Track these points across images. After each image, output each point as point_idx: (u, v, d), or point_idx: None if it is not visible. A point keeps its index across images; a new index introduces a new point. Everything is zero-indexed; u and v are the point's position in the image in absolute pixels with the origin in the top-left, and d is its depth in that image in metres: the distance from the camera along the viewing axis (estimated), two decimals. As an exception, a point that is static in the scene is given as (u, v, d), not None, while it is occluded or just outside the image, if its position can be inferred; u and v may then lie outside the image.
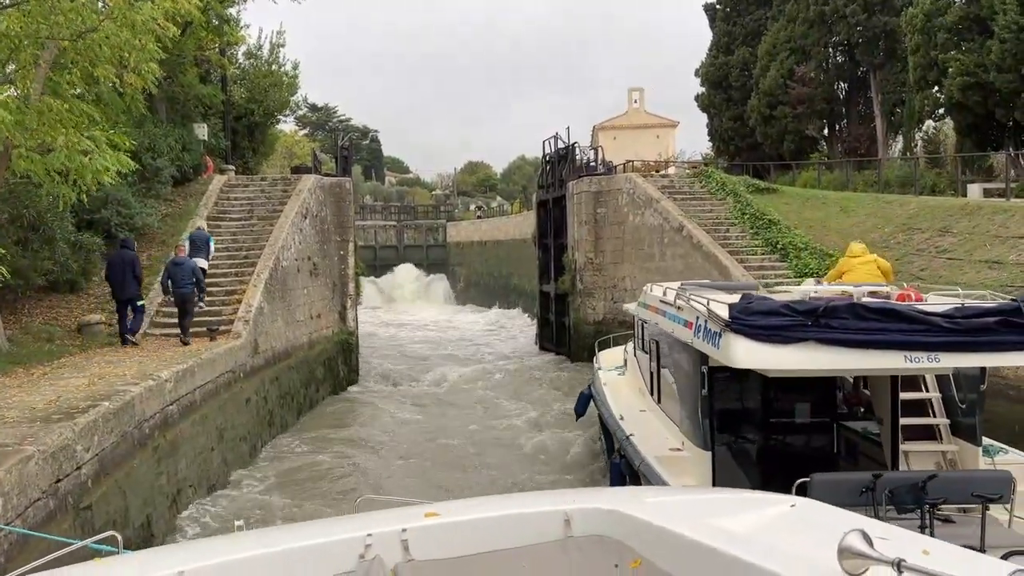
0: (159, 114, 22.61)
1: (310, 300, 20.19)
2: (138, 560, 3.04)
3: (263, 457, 14.60)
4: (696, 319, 7.46)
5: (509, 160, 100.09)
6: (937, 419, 8.41)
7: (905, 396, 8.24)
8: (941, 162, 30.76)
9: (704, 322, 7.14)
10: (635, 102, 66.03)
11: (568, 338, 25.85)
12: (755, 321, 6.28)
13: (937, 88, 29.25)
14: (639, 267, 23.27)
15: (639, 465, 8.64)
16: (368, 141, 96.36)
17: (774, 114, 39.42)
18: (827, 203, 25.11)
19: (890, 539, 2.53)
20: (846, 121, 41.10)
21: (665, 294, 9.48)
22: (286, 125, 45.50)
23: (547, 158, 30.01)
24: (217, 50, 25.62)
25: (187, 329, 14.08)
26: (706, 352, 7.27)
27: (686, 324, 7.95)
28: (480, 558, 3.13)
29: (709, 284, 10.49)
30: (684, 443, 8.76)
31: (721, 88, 44.91)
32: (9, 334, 13.11)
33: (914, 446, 8.19)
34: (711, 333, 6.86)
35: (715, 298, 7.20)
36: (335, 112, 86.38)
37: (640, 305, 11.49)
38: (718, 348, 6.68)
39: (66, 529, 7.39)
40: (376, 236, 58.21)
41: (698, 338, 7.39)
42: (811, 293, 7.71)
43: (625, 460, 9.31)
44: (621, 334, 16.08)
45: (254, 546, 3.02)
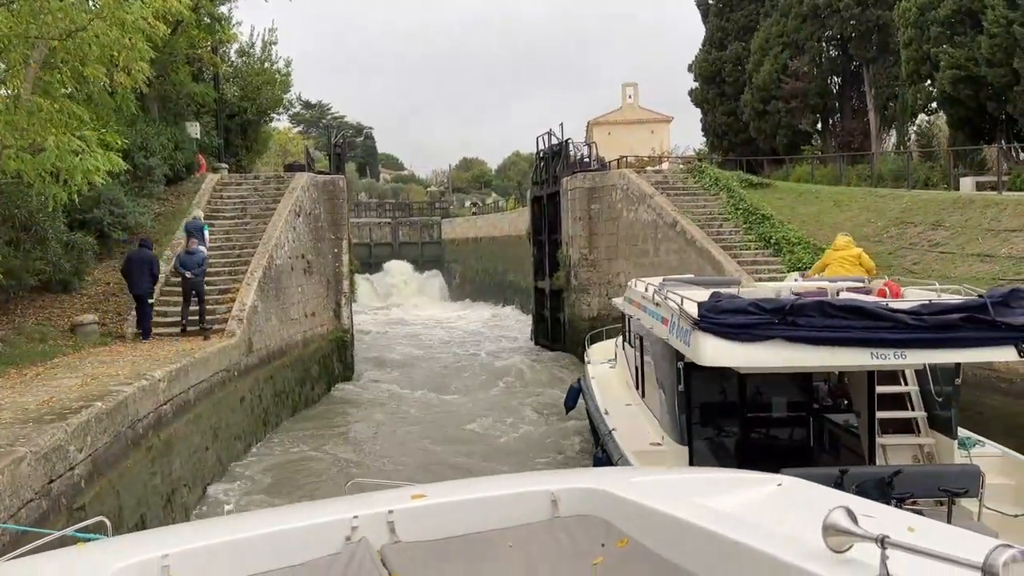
0: (151, 113, 22.54)
1: (304, 298, 20.17)
2: (122, 544, 3.02)
3: (256, 454, 14.60)
4: (671, 316, 7.52)
5: (504, 156, 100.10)
6: (915, 412, 8.49)
7: (885, 390, 8.34)
8: (934, 156, 30.81)
9: (677, 319, 7.20)
10: (629, 97, 66.08)
11: (563, 334, 25.88)
12: (724, 319, 6.30)
13: (930, 82, 29.27)
14: (633, 263, 23.30)
15: (617, 460, 8.71)
16: (362, 138, 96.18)
17: (767, 109, 39.42)
18: (820, 198, 25.16)
19: (875, 516, 2.53)
20: (839, 115, 41.12)
21: (646, 290, 9.52)
22: (280, 123, 45.44)
23: (541, 154, 30.01)
24: (209, 48, 25.53)
25: (204, 315, 15.01)
26: (679, 349, 7.33)
27: (663, 320, 8.00)
28: (467, 539, 3.12)
29: (689, 280, 10.49)
30: (664, 438, 8.83)
31: (714, 83, 44.89)
32: (2, 334, 13.09)
33: (892, 439, 8.27)
34: (683, 330, 6.91)
35: (689, 295, 7.23)
36: (329, 109, 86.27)
37: (625, 300, 11.55)
38: (688, 345, 6.74)
39: (59, 529, 7.38)
40: (371, 233, 58.11)
41: (672, 335, 7.44)
42: (787, 289, 7.76)
43: (607, 454, 9.38)
44: (614, 327, 16.12)
45: (239, 529, 3.00)
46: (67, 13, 10.60)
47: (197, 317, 15.05)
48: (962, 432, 8.38)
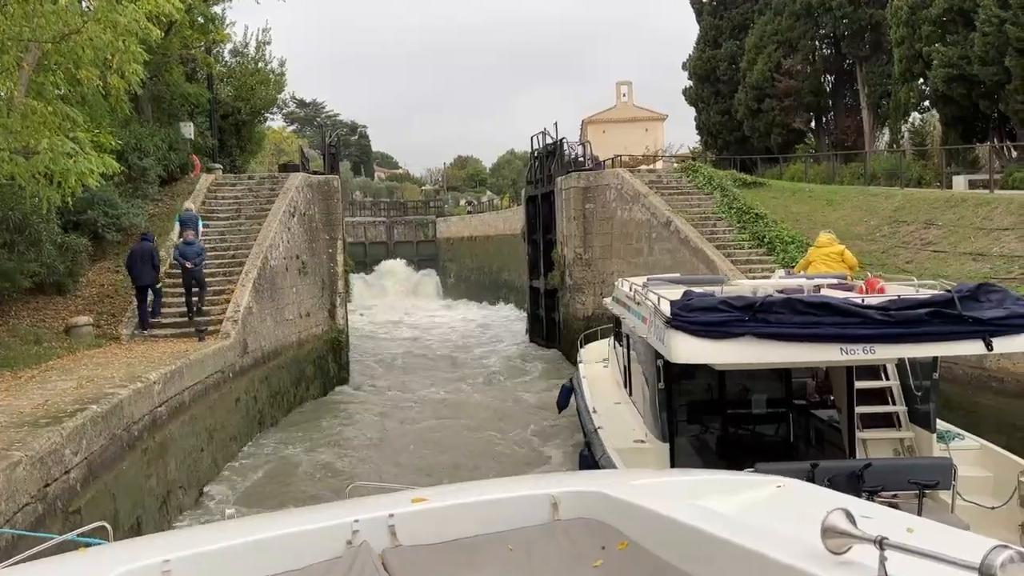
0: (145, 113, 22.51)
1: (299, 299, 20.18)
2: (123, 550, 3.02)
3: (252, 455, 14.61)
4: (649, 315, 7.60)
5: (499, 154, 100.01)
6: (896, 407, 8.57)
7: (867, 385, 8.42)
8: (927, 154, 30.93)
9: (654, 317, 7.29)
10: (624, 96, 66.08)
11: (558, 333, 25.92)
12: (695, 317, 6.38)
13: (922, 80, 29.42)
14: (627, 262, 23.34)
15: (600, 457, 8.77)
16: (357, 137, 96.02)
17: (761, 107, 39.55)
18: (814, 196, 25.24)
19: (874, 518, 2.56)
20: (833, 114, 41.28)
21: (630, 289, 9.60)
22: (274, 122, 45.36)
23: (535, 154, 30.01)
24: (203, 48, 25.50)
25: (203, 304, 15.85)
26: (656, 347, 7.40)
27: (643, 319, 8.08)
28: (467, 542, 3.14)
29: (673, 279, 10.57)
30: (647, 435, 8.91)
31: (709, 82, 45.01)
32: (-4, 337, 13.07)
33: (872, 433, 8.35)
34: (659, 329, 7.00)
35: (667, 294, 7.31)
36: (323, 107, 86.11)
37: (613, 300, 11.65)
38: (663, 343, 6.81)
39: (55, 533, 7.40)
40: (366, 232, 57.99)
41: (651, 333, 7.52)
42: (769, 287, 7.84)
43: (592, 452, 9.46)
44: (608, 327, 16.17)
45: (240, 534, 3.00)
46: (61, 16, 10.58)
47: (196, 308, 15.70)
48: (942, 425, 8.47)
